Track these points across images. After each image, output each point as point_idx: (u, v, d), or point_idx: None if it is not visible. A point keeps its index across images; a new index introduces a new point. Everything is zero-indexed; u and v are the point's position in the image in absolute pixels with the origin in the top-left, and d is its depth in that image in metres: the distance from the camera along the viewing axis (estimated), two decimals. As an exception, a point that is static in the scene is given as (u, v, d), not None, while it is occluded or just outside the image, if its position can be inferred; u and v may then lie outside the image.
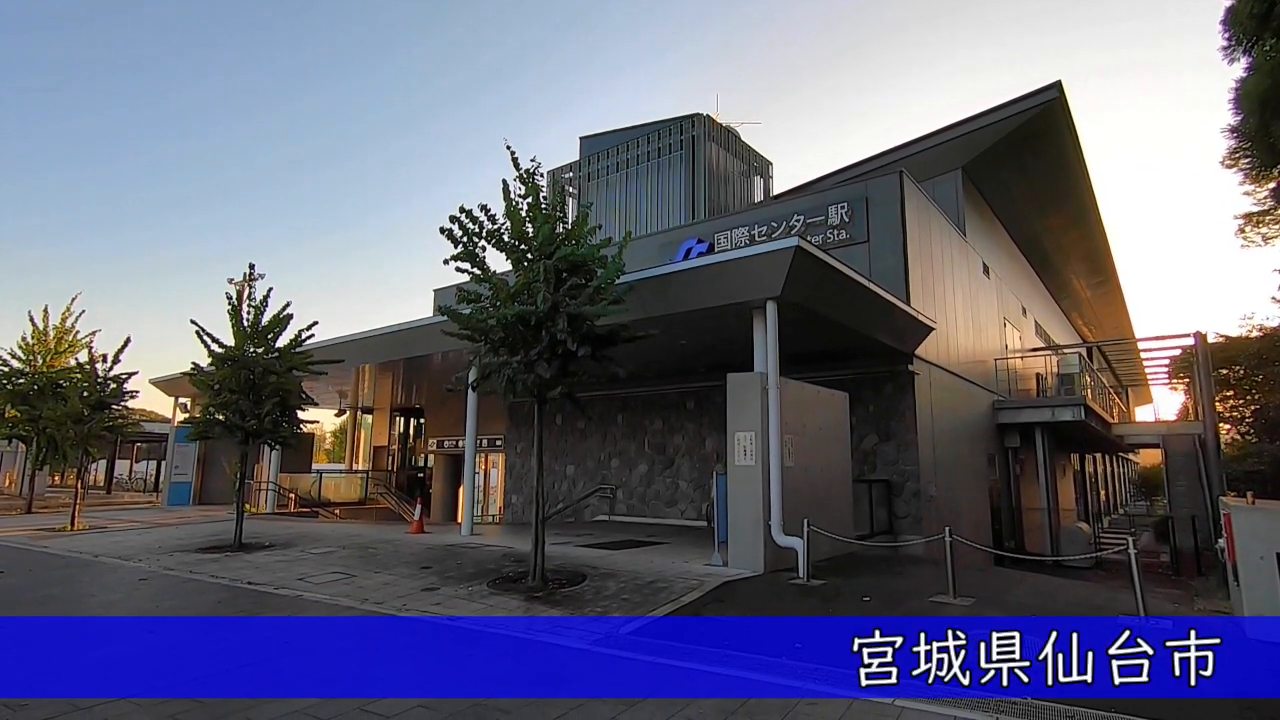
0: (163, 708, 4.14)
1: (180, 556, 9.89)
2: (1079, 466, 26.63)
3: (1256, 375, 23.34)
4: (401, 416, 26.91)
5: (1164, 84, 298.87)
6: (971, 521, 14.03)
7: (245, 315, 10.98)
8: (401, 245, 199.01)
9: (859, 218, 13.08)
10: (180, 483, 20.33)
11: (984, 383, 16.66)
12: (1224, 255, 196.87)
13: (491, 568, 8.61)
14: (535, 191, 8.00)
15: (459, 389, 9.23)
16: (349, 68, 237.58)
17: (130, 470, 33.03)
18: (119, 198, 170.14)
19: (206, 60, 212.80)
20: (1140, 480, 44.24)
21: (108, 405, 13.90)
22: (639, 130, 25.11)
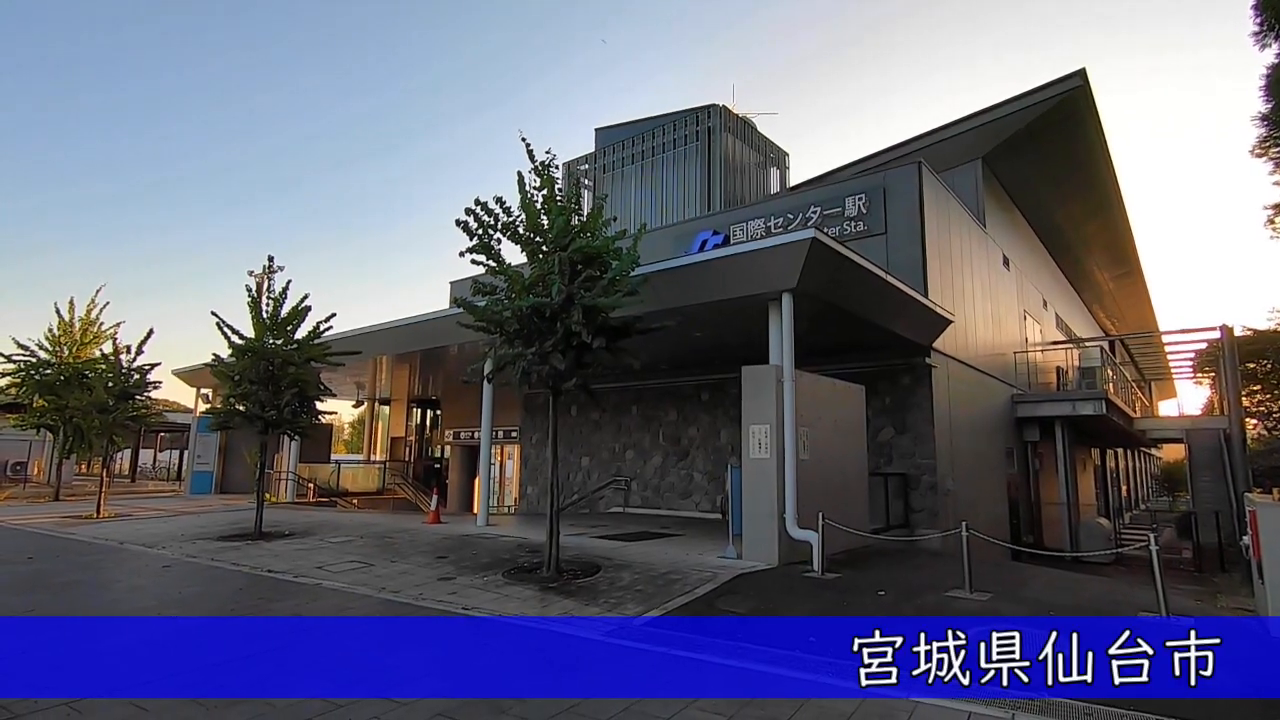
0: (173, 708, 4.09)
1: (202, 544, 10.07)
2: (1099, 461, 26.25)
3: (1285, 369, 22.86)
4: (419, 408, 27.11)
5: (1193, 68, 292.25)
6: (989, 515, 13.89)
7: (265, 307, 11.12)
8: (420, 237, 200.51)
9: (876, 209, 12.94)
10: (202, 472, 20.66)
11: (1003, 376, 16.46)
12: (1253, 246, 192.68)
13: (506, 558, 8.67)
14: (550, 184, 7.99)
15: (474, 380, 9.28)
16: (341, 58, 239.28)
17: (154, 459, 33.65)
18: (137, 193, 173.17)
19: (205, 47, 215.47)
20: (1163, 475, 43.61)
21: (131, 395, 14.13)
22: (654, 121, 25.00)
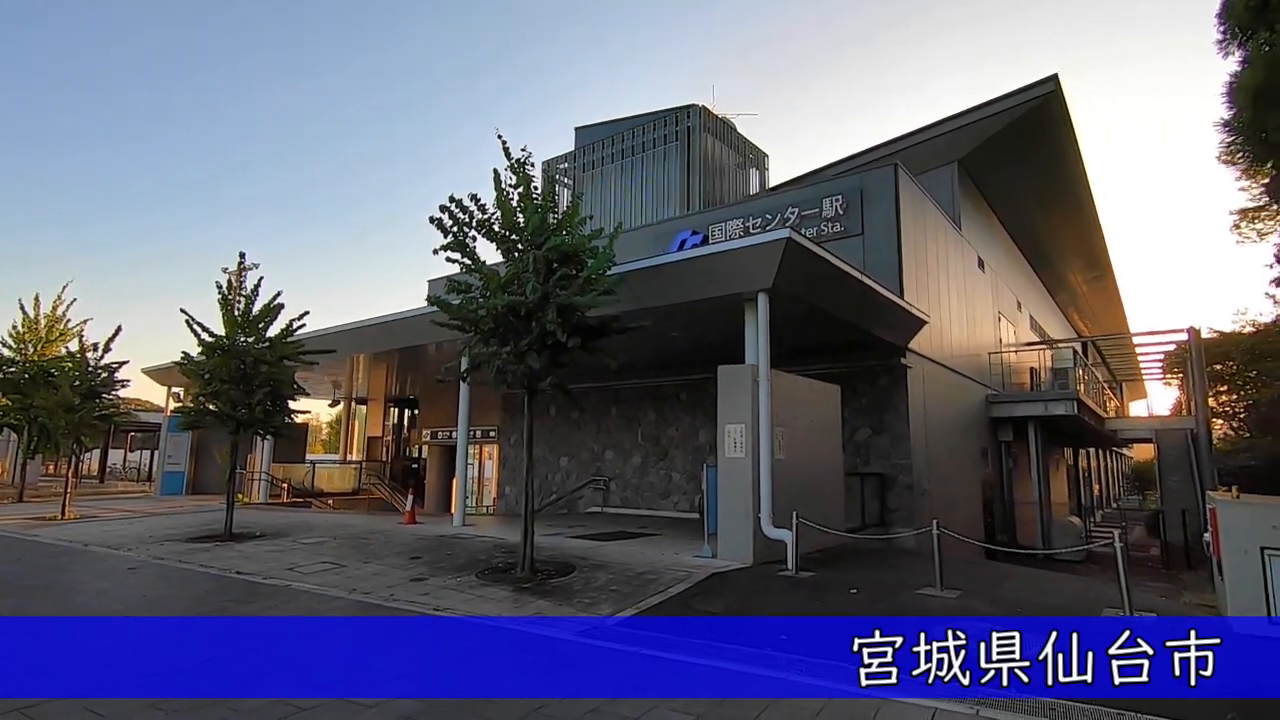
0: (128, 708, 4.04)
1: (170, 546, 9.88)
2: (1072, 461, 26.70)
3: (1250, 371, 23.39)
4: (396, 407, 26.86)
5: (1162, 76, 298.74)
6: (964, 515, 14.06)
7: (236, 305, 10.94)
8: (398, 234, 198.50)
9: (854, 210, 13.03)
10: (173, 472, 20.27)
11: (978, 376, 16.67)
12: (1220, 250, 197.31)
13: (482, 558, 8.61)
14: (526, 181, 7.95)
15: (449, 379, 9.20)
16: (341, 55, 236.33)
17: (124, 459, 32.95)
18: (106, 188, 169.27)
19: (196, 51, 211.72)
20: (1134, 474, 44.49)
21: (99, 394, 13.82)
22: (634, 121, 24.99)
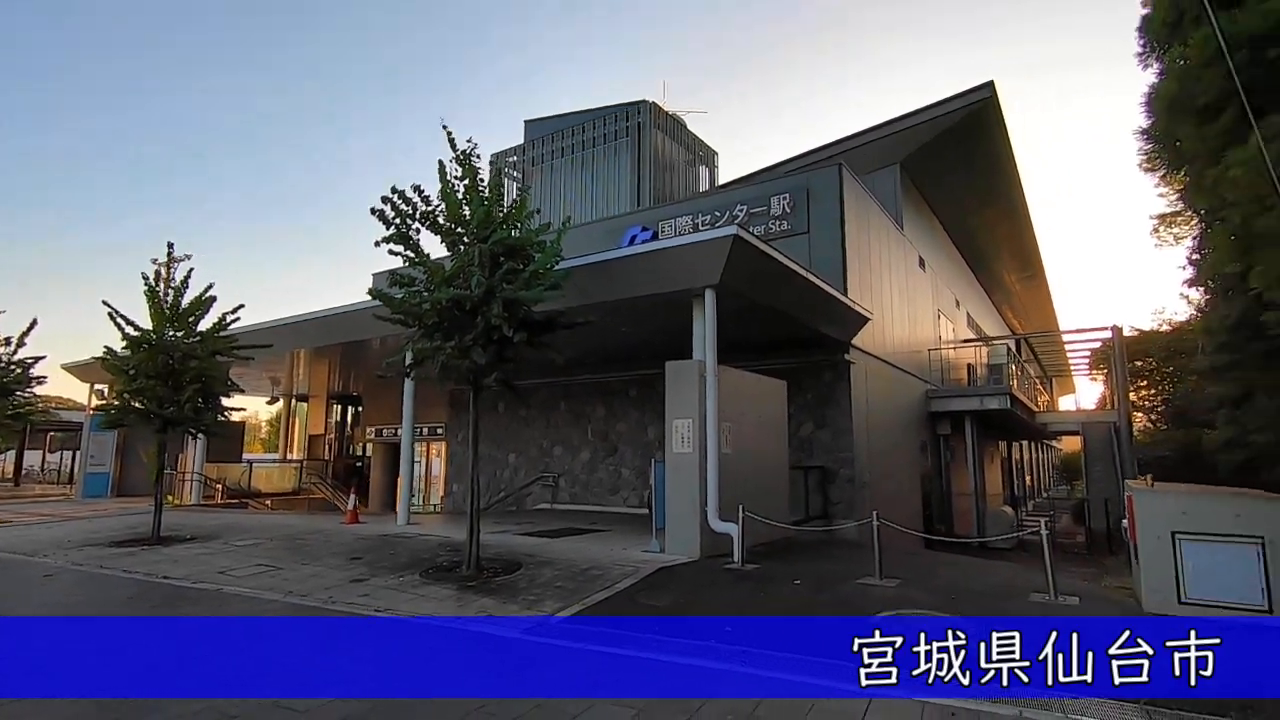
0: (55, 708, 3.89)
1: (91, 551, 9.36)
2: (1006, 453, 27.83)
3: (1167, 367, 24.90)
4: (339, 404, 26.11)
5: (1091, 84, 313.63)
6: (905, 506, 14.50)
7: (164, 297, 10.42)
8: (344, 227, 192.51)
9: (800, 209, 13.26)
10: (97, 473, 19.24)
11: (918, 372, 17.19)
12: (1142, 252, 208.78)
13: (426, 557, 8.44)
14: (473, 173, 7.79)
15: (390, 375, 8.99)
16: (276, 45, 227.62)
17: (43, 461, 31.06)
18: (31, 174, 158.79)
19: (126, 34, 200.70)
20: (1063, 466, 46.66)
21: (11, 391, 13.00)
22: (584, 115, 24.83)
